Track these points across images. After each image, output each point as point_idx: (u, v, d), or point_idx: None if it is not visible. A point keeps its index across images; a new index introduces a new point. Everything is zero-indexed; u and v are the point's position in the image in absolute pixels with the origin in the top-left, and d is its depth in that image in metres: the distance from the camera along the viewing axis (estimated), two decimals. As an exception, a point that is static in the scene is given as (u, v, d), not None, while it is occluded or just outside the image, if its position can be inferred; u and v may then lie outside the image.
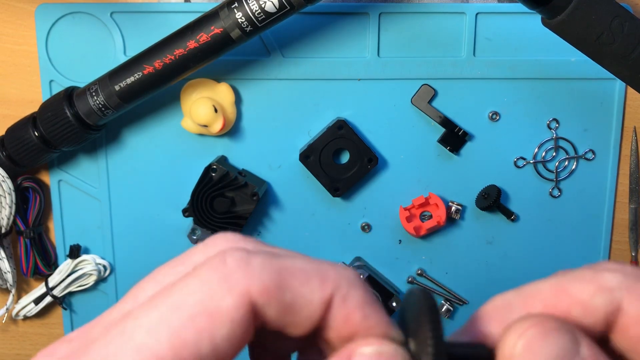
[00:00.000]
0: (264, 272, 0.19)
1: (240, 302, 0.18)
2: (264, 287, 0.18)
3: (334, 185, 0.53)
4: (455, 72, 0.53)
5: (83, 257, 0.55)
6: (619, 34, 0.39)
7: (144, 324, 0.18)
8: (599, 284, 0.19)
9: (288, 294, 0.19)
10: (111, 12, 0.51)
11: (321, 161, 0.53)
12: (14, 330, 0.58)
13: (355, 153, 0.53)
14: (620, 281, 0.19)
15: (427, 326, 0.19)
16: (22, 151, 0.50)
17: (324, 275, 0.19)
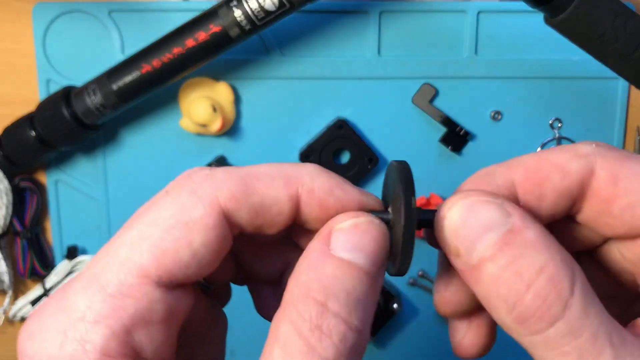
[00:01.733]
0: (229, 181, 0.21)
1: (210, 209, 0.20)
2: (231, 194, 0.20)
3: None
4: (456, 71, 0.52)
5: (80, 257, 0.54)
6: (621, 33, 0.39)
7: (127, 241, 0.20)
8: (575, 151, 0.21)
9: (255, 197, 0.21)
10: (109, 11, 0.51)
11: (321, 161, 0.52)
12: (10, 332, 0.57)
13: (356, 153, 0.52)
14: (594, 149, 0.21)
15: (400, 194, 0.21)
16: (19, 151, 0.49)
17: (286, 174, 0.21)
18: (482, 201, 0.20)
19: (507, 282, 0.18)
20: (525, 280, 0.18)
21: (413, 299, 0.56)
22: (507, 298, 0.18)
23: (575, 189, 0.21)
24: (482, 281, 0.19)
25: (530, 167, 0.21)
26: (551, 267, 0.18)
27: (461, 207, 0.20)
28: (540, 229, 0.19)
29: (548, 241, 0.19)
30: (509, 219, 0.19)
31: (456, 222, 0.20)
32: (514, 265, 0.18)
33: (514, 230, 0.19)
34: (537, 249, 0.18)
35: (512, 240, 0.19)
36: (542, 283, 0.18)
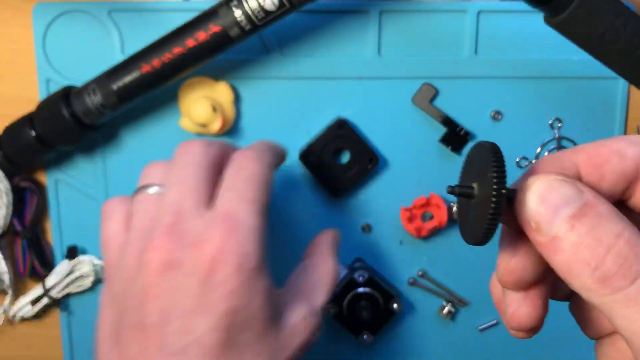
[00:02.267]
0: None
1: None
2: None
3: (335, 185, 0.53)
4: (456, 71, 0.52)
5: (80, 258, 0.54)
6: (622, 33, 0.39)
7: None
8: (631, 140, 0.23)
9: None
10: (109, 11, 0.51)
11: (321, 161, 0.52)
12: (10, 331, 0.57)
13: (356, 153, 0.52)
14: None
15: (494, 168, 0.23)
16: (19, 151, 0.49)
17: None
18: (558, 180, 0.22)
19: (588, 247, 0.21)
20: (605, 245, 0.20)
21: (413, 299, 0.56)
22: (589, 261, 0.20)
23: (631, 171, 0.23)
24: (564, 250, 0.21)
25: (591, 152, 0.24)
26: (627, 232, 0.21)
27: (540, 186, 0.22)
28: (609, 204, 0.22)
29: (617, 214, 0.21)
30: (583, 195, 0.22)
31: (536, 200, 0.22)
32: (593, 232, 0.21)
33: (589, 204, 0.21)
34: (612, 218, 0.21)
35: (588, 212, 0.21)
36: (621, 245, 0.20)
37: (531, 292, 0.26)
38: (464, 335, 0.57)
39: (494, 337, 0.57)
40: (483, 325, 0.57)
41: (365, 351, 0.57)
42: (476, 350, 0.57)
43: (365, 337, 0.53)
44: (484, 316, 0.57)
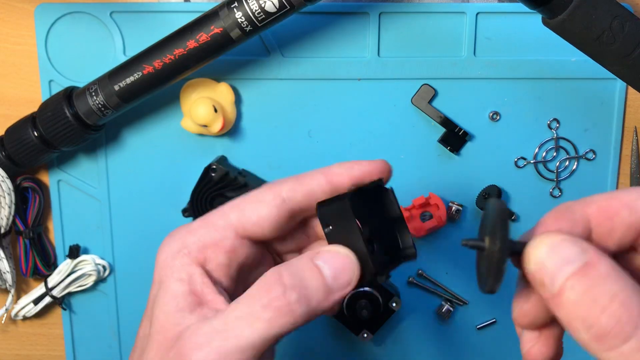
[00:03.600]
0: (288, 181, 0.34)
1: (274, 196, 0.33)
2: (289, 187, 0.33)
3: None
4: (455, 72, 0.53)
5: (82, 257, 0.55)
6: (619, 34, 0.39)
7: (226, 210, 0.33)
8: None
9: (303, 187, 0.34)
10: (111, 12, 0.51)
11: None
12: (13, 330, 0.58)
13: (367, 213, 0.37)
14: None
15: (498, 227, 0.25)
16: (22, 151, 0.50)
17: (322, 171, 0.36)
18: (562, 240, 0.24)
19: (584, 306, 0.22)
20: (600, 305, 0.21)
21: (412, 298, 0.57)
22: (585, 319, 0.22)
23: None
24: (564, 306, 0.23)
25: (602, 204, 0.25)
26: (622, 294, 0.21)
27: (545, 247, 0.24)
28: (612, 262, 0.23)
29: (619, 273, 0.22)
30: (585, 254, 0.23)
31: (541, 260, 0.24)
32: (590, 292, 0.22)
33: (590, 264, 0.22)
34: (610, 279, 0.22)
35: (588, 272, 0.22)
36: (615, 307, 0.21)
37: (545, 332, 0.28)
38: (463, 333, 0.58)
39: (492, 335, 0.57)
40: (481, 324, 0.57)
41: (365, 349, 0.58)
42: (474, 348, 0.58)
43: (364, 336, 0.54)
44: (482, 315, 0.57)
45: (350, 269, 0.29)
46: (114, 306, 0.57)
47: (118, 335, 0.57)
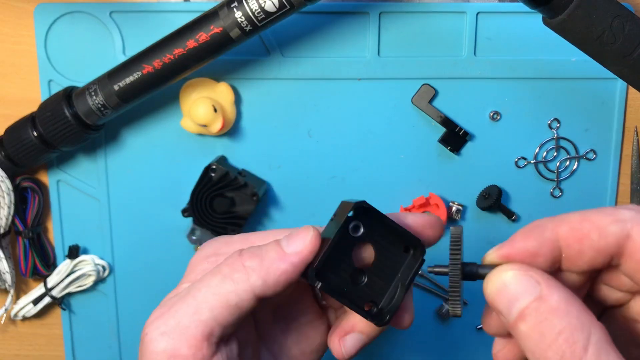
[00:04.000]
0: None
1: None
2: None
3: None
4: (455, 72, 0.53)
5: (82, 257, 0.55)
6: (620, 34, 0.39)
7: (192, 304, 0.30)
8: (616, 216, 0.24)
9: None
10: (110, 12, 0.51)
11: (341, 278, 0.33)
12: (12, 330, 0.58)
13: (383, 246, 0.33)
14: (633, 216, 0.24)
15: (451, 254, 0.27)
16: (21, 151, 0.50)
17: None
18: (516, 274, 0.24)
19: (533, 339, 0.23)
20: (547, 340, 0.22)
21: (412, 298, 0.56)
22: (534, 351, 0.23)
23: (612, 248, 0.25)
24: (517, 334, 0.24)
25: (574, 225, 0.25)
26: (568, 330, 0.22)
27: (500, 280, 0.25)
28: (563, 295, 0.23)
29: (569, 306, 0.23)
30: (538, 287, 0.23)
31: (496, 292, 0.25)
32: (539, 327, 0.23)
33: (541, 298, 0.23)
34: (559, 314, 0.23)
35: (538, 307, 0.23)
36: (560, 343, 0.22)
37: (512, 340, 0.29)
38: (463, 334, 0.57)
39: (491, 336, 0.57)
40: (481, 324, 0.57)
41: (365, 350, 0.57)
42: (474, 349, 0.58)
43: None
44: (483, 315, 0.57)
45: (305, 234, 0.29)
46: (114, 306, 0.56)
47: (118, 335, 0.57)
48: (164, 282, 0.55)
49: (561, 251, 0.26)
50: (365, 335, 0.33)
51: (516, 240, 0.26)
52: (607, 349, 0.22)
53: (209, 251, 0.34)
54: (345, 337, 0.33)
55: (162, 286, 0.55)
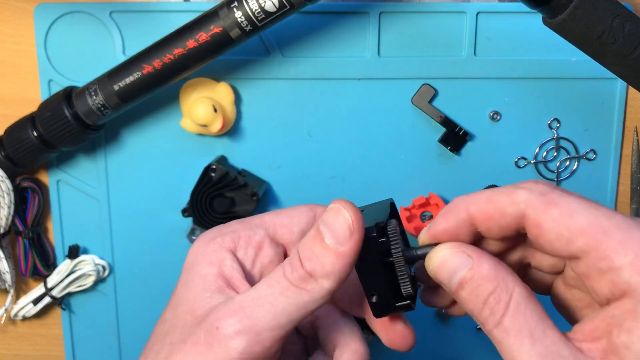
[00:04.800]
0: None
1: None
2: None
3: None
4: (455, 72, 0.53)
5: (82, 257, 0.55)
6: (620, 34, 0.39)
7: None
8: (512, 198, 0.28)
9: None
10: (110, 12, 0.51)
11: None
12: (12, 330, 0.58)
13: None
14: (527, 197, 0.28)
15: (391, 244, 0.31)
16: (21, 151, 0.50)
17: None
18: (451, 252, 0.29)
19: (472, 302, 0.28)
20: (481, 300, 0.28)
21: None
22: (473, 311, 0.28)
23: (513, 224, 0.29)
24: (459, 299, 0.29)
25: (481, 206, 0.29)
26: (496, 291, 0.27)
27: (437, 260, 0.30)
28: (491, 263, 0.28)
29: (496, 273, 0.28)
30: (470, 260, 0.28)
31: (437, 268, 0.30)
32: (475, 292, 0.28)
33: (473, 269, 0.28)
34: (489, 279, 0.28)
35: (472, 276, 0.28)
36: (490, 302, 0.27)
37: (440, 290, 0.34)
38: (463, 334, 0.57)
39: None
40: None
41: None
42: (475, 349, 0.58)
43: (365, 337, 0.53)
44: (483, 315, 0.57)
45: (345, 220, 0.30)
46: (114, 306, 0.56)
47: (118, 336, 0.57)
48: (164, 282, 0.55)
49: (476, 228, 0.30)
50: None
51: (438, 222, 0.31)
52: (525, 304, 0.27)
53: (210, 235, 0.35)
54: None
55: (162, 286, 0.55)
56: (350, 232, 0.29)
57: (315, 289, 0.30)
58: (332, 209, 0.30)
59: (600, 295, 0.27)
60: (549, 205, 0.27)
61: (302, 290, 0.30)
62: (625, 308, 0.25)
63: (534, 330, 0.26)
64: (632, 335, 0.25)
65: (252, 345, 0.29)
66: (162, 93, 0.50)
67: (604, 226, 0.26)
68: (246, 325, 0.29)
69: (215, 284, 0.33)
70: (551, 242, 0.27)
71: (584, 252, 0.26)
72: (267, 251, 0.35)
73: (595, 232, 0.26)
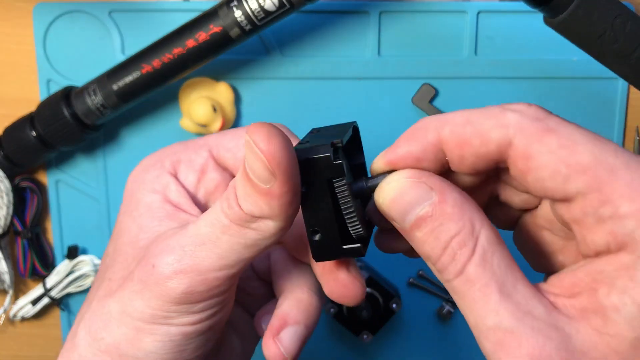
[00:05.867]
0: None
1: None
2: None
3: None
4: (456, 72, 0.52)
5: (81, 257, 0.54)
6: (621, 33, 0.39)
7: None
8: (499, 121, 0.23)
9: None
10: (109, 11, 0.51)
11: None
12: (11, 331, 0.57)
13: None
14: (517, 121, 0.23)
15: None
16: (20, 151, 0.49)
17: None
18: (408, 182, 0.24)
19: (429, 244, 0.23)
20: (442, 244, 0.23)
21: (413, 299, 0.56)
22: (430, 255, 0.23)
23: (494, 154, 0.23)
24: (413, 241, 0.24)
25: (456, 128, 0.24)
26: (461, 234, 0.22)
27: (393, 188, 0.24)
28: (457, 200, 0.23)
29: (462, 211, 0.23)
30: (431, 193, 0.23)
31: (390, 201, 0.24)
32: (435, 232, 0.23)
33: (435, 204, 0.23)
34: (453, 219, 0.23)
35: (433, 213, 0.23)
36: (453, 246, 0.23)
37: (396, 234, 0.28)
38: (463, 335, 0.57)
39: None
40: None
41: (365, 351, 0.57)
42: (475, 350, 0.57)
43: (365, 337, 0.53)
44: (484, 316, 0.57)
45: (258, 158, 0.23)
46: (113, 307, 0.56)
47: (117, 336, 0.57)
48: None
49: (445, 155, 0.25)
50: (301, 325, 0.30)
51: (399, 144, 0.25)
52: (493, 250, 0.22)
53: (149, 161, 0.32)
54: (279, 336, 0.30)
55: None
56: (270, 171, 0.23)
57: (261, 227, 0.25)
58: (245, 143, 0.24)
59: (589, 245, 0.22)
60: (546, 133, 0.22)
61: (246, 229, 0.25)
62: (621, 263, 0.21)
63: (503, 284, 0.22)
64: (625, 297, 0.21)
65: (196, 285, 0.26)
66: (161, 93, 0.50)
67: (610, 164, 0.21)
68: (186, 265, 0.26)
69: (162, 211, 0.29)
70: (542, 180, 0.23)
71: (582, 194, 0.22)
72: (212, 175, 0.32)
73: (600, 170, 0.21)
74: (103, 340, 0.28)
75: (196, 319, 0.27)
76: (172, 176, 0.31)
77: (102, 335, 0.28)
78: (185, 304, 0.27)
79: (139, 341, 0.27)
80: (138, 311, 0.27)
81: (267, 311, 0.33)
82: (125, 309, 0.27)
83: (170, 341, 0.27)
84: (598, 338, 0.21)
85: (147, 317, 0.27)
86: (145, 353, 0.27)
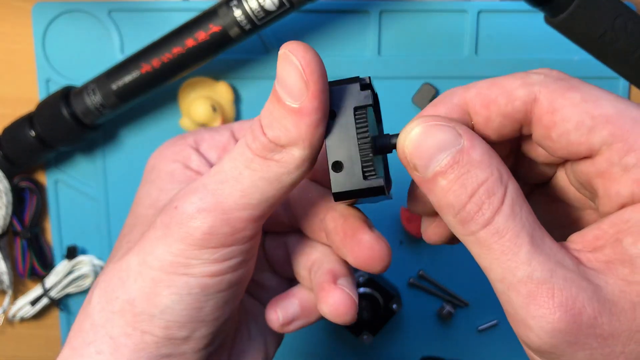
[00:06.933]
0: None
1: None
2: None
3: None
4: (457, 71, 0.52)
5: (80, 258, 0.54)
6: (622, 33, 0.39)
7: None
8: (524, 80, 0.24)
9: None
10: (109, 11, 0.51)
11: None
12: (10, 332, 0.57)
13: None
14: (542, 80, 0.24)
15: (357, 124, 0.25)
16: (19, 151, 0.49)
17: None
18: (437, 125, 0.23)
19: (454, 192, 0.22)
20: (468, 192, 0.22)
21: (413, 299, 0.56)
22: (454, 204, 0.22)
23: (520, 113, 0.24)
24: (435, 191, 0.23)
25: (482, 90, 0.24)
26: (489, 182, 0.22)
27: (419, 130, 0.23)
28: (485, 148, 0.22)
29: (490, 160, 0.22)
30: (460, 139, 0.22)
31: (414, 144, 0.23)
32: (461, 179, 0.22)
33: (463, 150, 0.22)
34: (481, 167, 0.22)
35: (460, 159, 0.22)
36: (480, 194, 0.22)
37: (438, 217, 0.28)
38: (464, 335, 0.57)
39: (493, 337, 0.57)
40: (483, 325, 0.57)
41: (365, 351, 0.57)
42: (475, 350, 0.57)
43: (365, 337, 0.53)
44: (484, 317, 0.57)
45: (294, 67, 0.24)
46: (112, 307, 0.56)
47: (116, 337, 0.57)
48: (163, 282, 0.55)
49: (471, 118, 0.25)
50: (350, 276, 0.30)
51: (426, 110, 0.25)
52: (520, 203, 0.22)
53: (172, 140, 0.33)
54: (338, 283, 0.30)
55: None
56: (304, 81, 0.23)
57: (285, 157, 0.25)
58: (279, 56, 0.24)
59: (613, 198, 0.22)
60: (570, 90, 0.23)
61: (269, 161, 0.25)
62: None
63: (533, 236, 0.22)
64: None
65: (219, 225, 0.25)
66: (160, 92, 0.50)
67: (633, 115, 0.22)
68: (210, 202, 0.25)
69: (183, 175, 0.29)
70: (567, 134, 0.23)
71: (607, 144, 0.22)
72: None
73: (624, 120, 0.22)
74: (117, 300, 0.27)
75: (216, 269, 0.26)
76: (195, 150, 0.32)
77: (117, 294, 0.27)
78: (208, 247, 0.26)
79: (156, 295, 0.27)
80: (159, 259, 0.26)
81: (280, 298, 0.32)
82: (145, 259, 0.27)
83: (189, 294, 0.27)
84: (627, 287, 0.21)
85: (167, 266, 0.26)
86: (160, 309, 0.27)
